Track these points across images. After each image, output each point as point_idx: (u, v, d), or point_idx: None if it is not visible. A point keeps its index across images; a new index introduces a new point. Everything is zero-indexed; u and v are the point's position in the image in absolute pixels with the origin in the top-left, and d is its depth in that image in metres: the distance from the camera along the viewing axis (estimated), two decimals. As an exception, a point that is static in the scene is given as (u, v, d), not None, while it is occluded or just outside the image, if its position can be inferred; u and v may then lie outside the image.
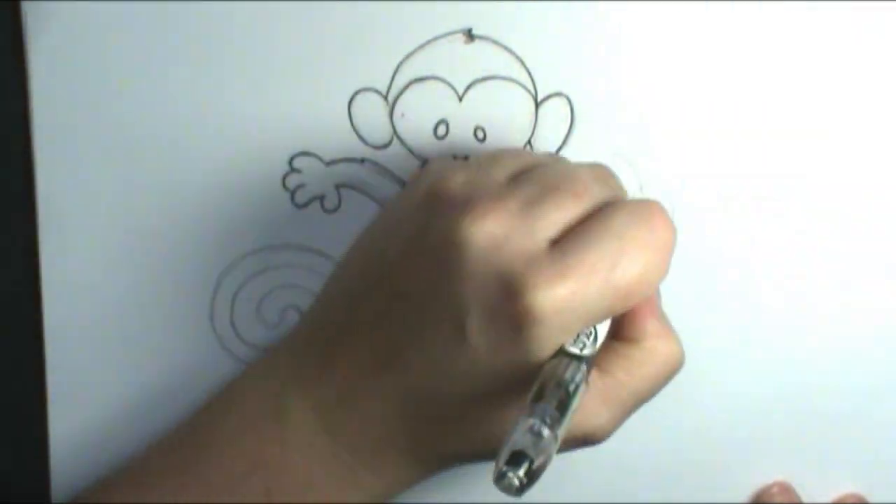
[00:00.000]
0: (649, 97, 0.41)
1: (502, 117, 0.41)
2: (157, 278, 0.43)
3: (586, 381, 0.34)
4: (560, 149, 0.42)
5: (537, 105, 0.41)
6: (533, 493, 0.45)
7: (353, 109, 0.41)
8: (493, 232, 0.35)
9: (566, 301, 0.34)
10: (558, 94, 0.41)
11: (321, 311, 0.40)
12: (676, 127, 0.42)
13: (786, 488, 0.45)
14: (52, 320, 0.43)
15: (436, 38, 0.41)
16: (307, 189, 0.42)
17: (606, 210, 0.36)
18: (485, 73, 0.41)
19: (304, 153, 0.42)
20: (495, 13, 0.40)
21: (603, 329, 0.36)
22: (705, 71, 0.41)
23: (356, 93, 0.41)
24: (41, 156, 0.41)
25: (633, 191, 0.42)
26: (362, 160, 0.42)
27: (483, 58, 0.41)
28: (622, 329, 0.38)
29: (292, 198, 0.42)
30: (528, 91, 0.41)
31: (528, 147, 0.42)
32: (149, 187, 0.42)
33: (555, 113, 0.41)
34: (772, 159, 0.42)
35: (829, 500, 0.46)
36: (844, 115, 0.42)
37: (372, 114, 0.41)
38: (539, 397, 0.32)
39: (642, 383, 0.38)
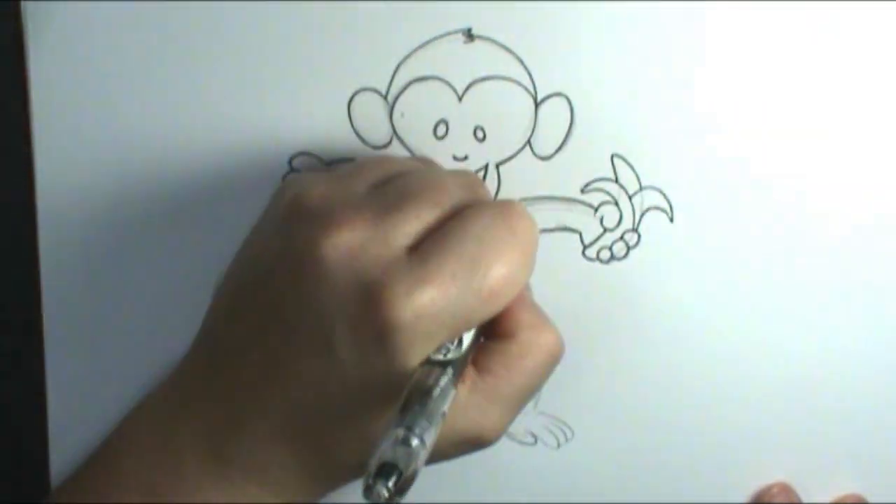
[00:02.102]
0: (649, 97, 0.41)
1: (502, 117, 0.41)
2: (156, 278, 0.43)
3: (454, 386, 0.34)
4: (559, 149, 0.42)
5: (537, 105, 0.41)
6: (533, 493, 0.45)
7: (352, 109, 0.41)
8: (350, 243, 0.35)
9: (426, 308, 0.34)
10: (558, 94, 0.41)
11: (205, 333, 0.39)
12: (676, 127, 0.42)
13: (786, 488, 0.45)
14: (52, 319, 0.43)
15: (435, 38, 0.41)
16: (307, 189, 0.42)
17: (465, 213, 0.36)
18: (484, 73, 0.41)
19: (304, 153, 0.42)
20: (495, 13, 0.40)
21: (468, 332, 0.36)
22: (705, 71, 0.41)
23: (356, 93, 0.41)
24: (41, 156, 0.41)
25: (632, 191, 0.42)
26: (362, 160, 0.42)
27: (483, 58, 0.41)
28: (496, 325, 0.37)
29: (292, 198, 0.42)
30: (528, 91, 0.41)
31: (527, 147, 0.42)
32: (148, 187, 0.42)
33: (554, 113, 0.41)
34: (772, 159, 0.42)
35: (829, 500, 0.46)
36: (845, 114, 0.42)
37: (372, 114, 0.41)
38: (405, 407, 0.32)
39: (524, 377, 0.37)
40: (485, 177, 0.42)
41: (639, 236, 0.43)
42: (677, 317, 0.44)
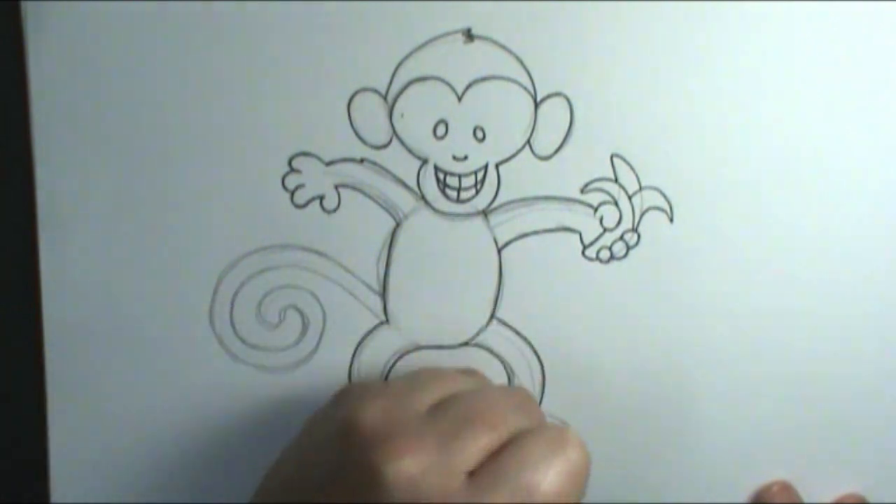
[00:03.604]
0: (649, 97, 0.41)
1: (501, 117, 0.41)
2: (156, 278, 0.43)
3: None
4: (559, 149, 0.42)
5: (536, 105, 0.41)
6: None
7: (352, 109, 0.41)
8: (411, 470, 0.35)
9: None
10: (557, 94, 0.41)
11: None
12: (676, 127, 0.42)
13: (786, 487, 0.45)
14: (52, 320, 0.43)
15: (435, 38, 0.41)
16: (307, 189, 0.42)
17: (521, 440, 0.37)
18: (484, 73, 0.41)
19: (304, 153, 0.42)
20: (495, 13, 0.40)
21: None
22: (705, 71, 0.41)
23: (356, 93, 0.41)
24: (41, 156, 0.41)
25: (632, 191, 0.42)
26: (362, 160, 0.42)
27: (482, 58, 0.41)
28: None
29: (292, 198, 0.42)
30: (528, 91, 0.41)
31: (527, 147, 0.42)
32: (148, 187, 0.42)
33: (554, 113, 0.41)
34: (772, 159, 0.42)
35: (830, 500, 0.46)
36: (845, 114, 0.42)
37: (371, 113, 0.41)
38: None
39: None
40: (484, 177, 0.42)
41: (638, 236, 0.43)
42: (677, 316, 0.44)
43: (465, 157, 0.42)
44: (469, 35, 0.41)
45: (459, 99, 0.41)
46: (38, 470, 0.44)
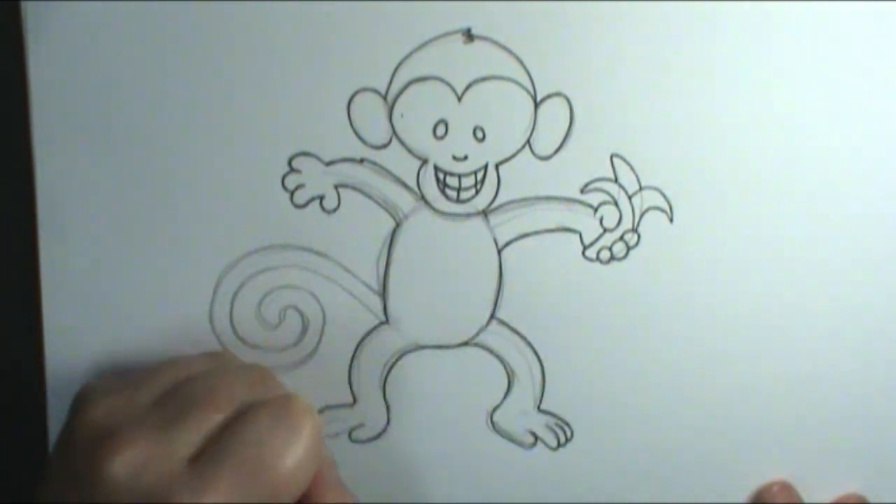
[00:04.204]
0: (649, 97, 0.41)
1: (501, 117, 0.41)
2: (156, 278, 0.43)
3: None
4: (559, 149, 0.42)
5: (536, 105, 0.41)
6: (533, 493, 0.45)
7: (352, 109, 0.41)
8: (134, 460, 0.35)
9: None
10: (557, 94, 0.41)
11: None
12: (676, 127, 0.42)
13: (786, 487, 0.45)
14: (52, 320, 0.43)
15: (435, 38, 0.41)
16: (306, 189, 0.42)
17: (245, 415, 0.37)
18: (484, 73, 0.41)
19: (304, 153, 0.42)
20: (494, 13, 0.40)
21: None
22: (705, 71, 0.41)
23: (355, 93, 0.41)
24: (41, 156, 0.41)
25: (632, 191, 0.42)
26: (361, 160, 0.42)
27: (482, 58, 0.41)
28: None
29: (292, 198, 0.42)
30: (528, 91, 0.41)
31: (527, 147, 0.42)
32: (148, 187, 0.42)
33: (554, 113, 0.41)
34: (772, 159, 0.42)
35: (830, 500, 0.46)
36: (846, 113, 0.42)
37: (371, 114, 0.41)
38: None
39: None
40: (484, 177, 0.42)
41: (638, 236, 0.43)
42: (677, 317, 0.44)
43: (465, 157, 0.42)
44: (469, 35, 0.41)
45: (459, 99, 0.41)
46: (38, 470, 0.44)
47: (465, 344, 0.44)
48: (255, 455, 0.36)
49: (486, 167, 0.42)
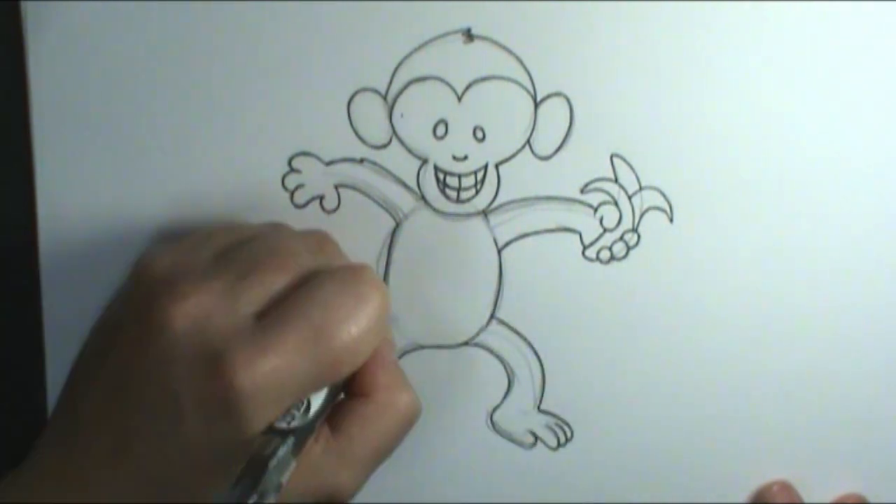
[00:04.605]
0: (649, 97, 0.41)
1: (501, 117, 0.41)
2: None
3: (296, 455, 0.34)
4: (559, 149, 0.42)
5: (536, 105, 0.41)
6: (533, 493, 0.45)
7: (352, 109, 0.41)
8: (195, 313, 0.35)
9: (269, 377, 0.34)
10: (557, 94, 0.41)
11: (60, 406, 0.39)
12: (676, 127, 0.42)
13: (786, 487, 0.45)
14: (52, 320, 0.43)
15: (435, 38, 0.41)
16: (306, 189, 0.42)
17: (312, 280, 0.36)
18: (484, 73, 0.41)
19: (304, 153, 0.42)
20: (494, 13, 0.40)
21: (318, 397, 0.36)
22: (705, 71, 0.41)
23: (355, 93, 0.41)
24: (41, 156, 0.41)
25: (632, 191, 0.42)
26: (361, 160, 0.42)
27: (482, 58, 0.41)
28: (354, 385, 0.37)
29: (292, 198, 0.42)
30: (528, 91, 0.41)
31: (527, 147, 0.42)
32: (148, 187, 0.42)
33: (554, 113, 0.41)
34: (772, 159, 0.42)
35: (830, 500, 0.46)
36: (846, 113, 0.42)
37: (371, 114, 0.41)
38: (238, 480, 0.32)
39: (378, 438, 0.37)
40: (484, 177, 0.42)
41: (638, 236, 0.43)
42: (677, 317, 0.44)
43: (465, 157, 0.42)
44: (469, 35, 0.41)
45: (459, 99, 0.41)
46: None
47: (465, 344, 0.44)
48: (320, 319, 0.35)
49: (486, 167, 0.42)
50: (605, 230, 0.43)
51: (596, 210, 0.42)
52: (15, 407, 0.45)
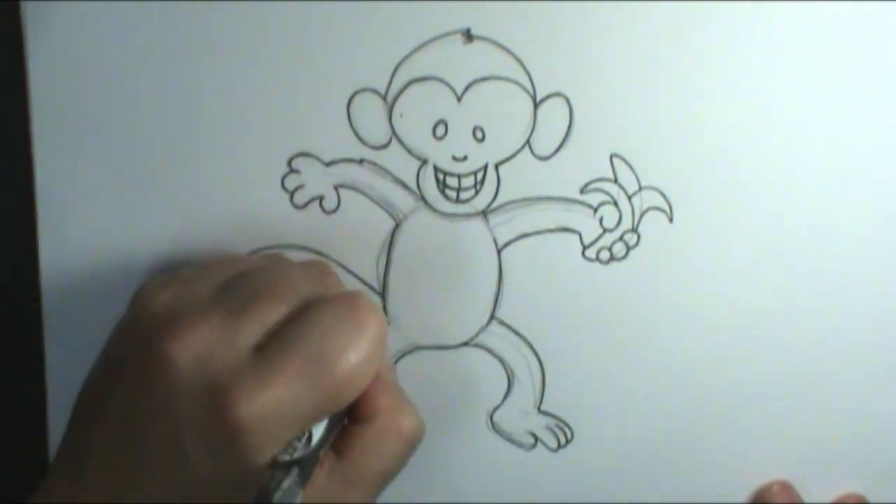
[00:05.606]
0: (649, 97, 0.41)
1: (501, 117, 0.41)
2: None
3: (302, 485, 0.34)
4: (559, 149, 0.42)
5: (536, 105, 0.41)
6: (533, 493, 0.45)
7: (352, 110, 0.41)
8: (196, 348, 0.35)
9: (270, 408, 0.34)
10: (557, 95, 0.41)
11: (69, 443, 0.39)
12: (676, 127, 0.42)
13: (786, 487, 0.45)
14: (52, 320, 0.43)
15: (434, 39, 0.41)
16: (306, 190, 0.42)
17: (311, 309, 0.36)
18: (484, 74, 0.41)
19: (303, 154, 0.42)
20: (494, 13, 0.40)
21: (319, 426, 0.36)
22: (705, 71, 0.41)
23: (355, 93, 0.41)
24: (41, 156, 0.41)
25: (632, 191, 0.42)
26: (361, 161, 0.42)
27: (482, 58, 0.41)
28: (356, 409, 0.38)
29: (291, 198, 0.42)
30: (527, 91, 0.41)
31: (526, 147, 0.42)
32: (148, 187, 0.42)
33: (553, 113, 0.41)
34: (772, 159, 0.42)
35: (830, 500, 0.46)
36: (845, 114, 0.42)
37: (371, 114, 0.41)
38: None
39: (382, 461, 0.38)
40: (484, 177, 0.42)
41: (638, 237, 0.43)
42: (677, 317, 0.44)
43: (465, 158, 0.42)
44: (469, 35, 0.41)
45: (459, 99, 0.41)
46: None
47: (465, 344, 0.44)
48: (319, 349, 0.35)
49: (485, 167, 0.42)
50: (604, 230, 0.43)
51: (596, 210, 0.42)
52: (15, 407, 0.45)
